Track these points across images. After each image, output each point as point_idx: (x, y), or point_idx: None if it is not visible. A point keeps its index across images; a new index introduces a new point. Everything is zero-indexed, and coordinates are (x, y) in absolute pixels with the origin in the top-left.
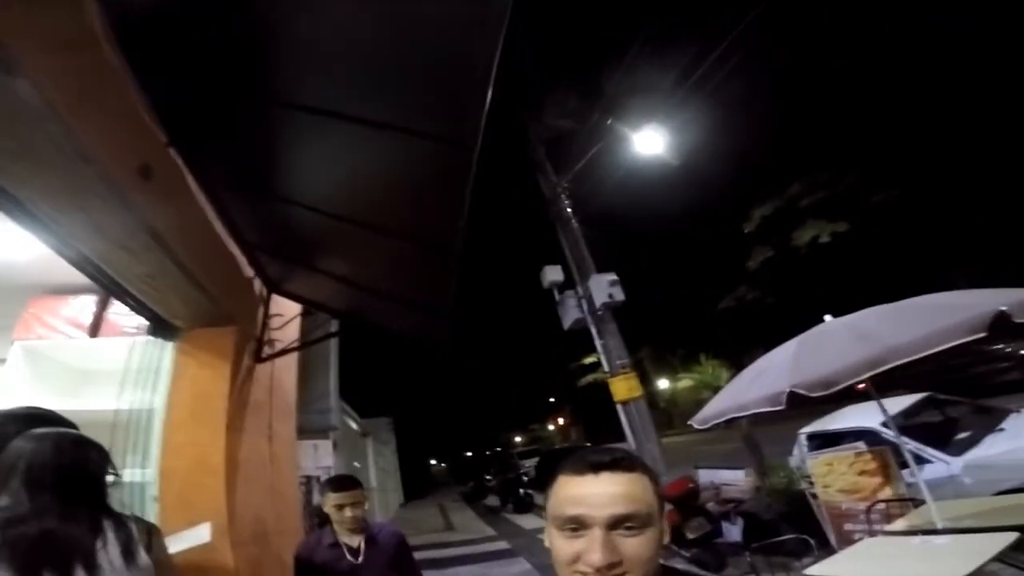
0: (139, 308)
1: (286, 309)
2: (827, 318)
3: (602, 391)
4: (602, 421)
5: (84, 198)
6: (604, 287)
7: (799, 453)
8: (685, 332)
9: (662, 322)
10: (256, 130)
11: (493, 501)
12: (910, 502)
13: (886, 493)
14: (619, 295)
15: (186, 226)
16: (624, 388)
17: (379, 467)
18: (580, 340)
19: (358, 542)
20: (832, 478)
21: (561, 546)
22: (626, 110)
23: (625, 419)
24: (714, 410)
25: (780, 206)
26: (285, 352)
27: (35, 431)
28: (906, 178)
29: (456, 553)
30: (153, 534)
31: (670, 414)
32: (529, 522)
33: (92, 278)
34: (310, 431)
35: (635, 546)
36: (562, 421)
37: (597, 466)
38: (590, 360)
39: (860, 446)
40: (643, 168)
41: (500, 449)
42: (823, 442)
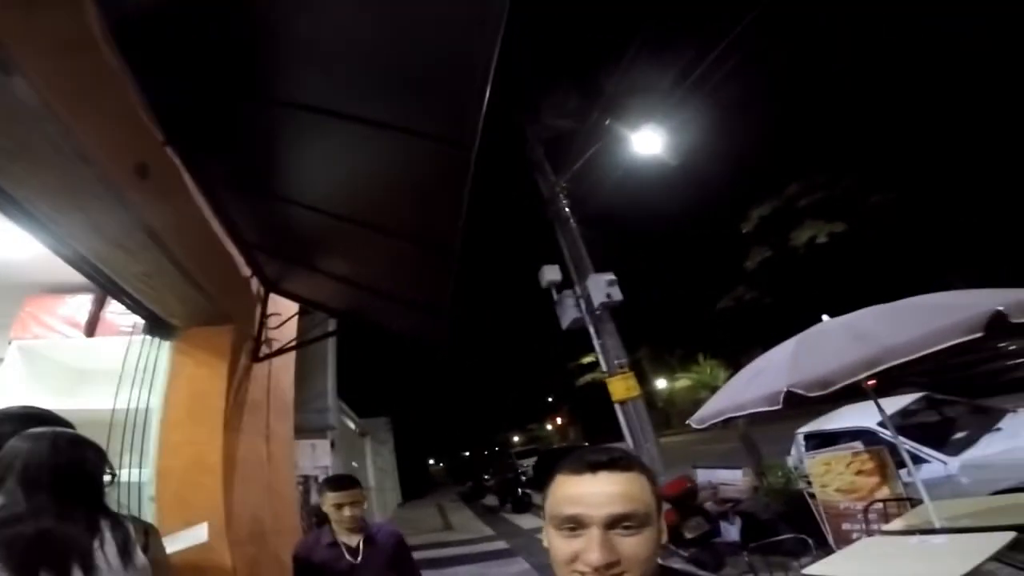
0: (136, 307)
1: (283, 308)
2: (824, 318)
3: (600, 391)
4: (600, 421)
5: (81, 197)
6: (602, 287)
7: (797, 453)
8: (683, 332)
9: (660, 322)
10: (254, 129)
11: (491, 501)
12: (907, 502)
13: (883, 493)
14: (617, 295)
15: (183, 225)
16: (622, 388)
17: (377, 467)
18: (578, 340)
19: (357, 542)
20: (830, 478)
21: (559, 545)
22: (624, 110)
23: (623, 419)
24: (712, 410)
25: (778, 206)
26: (282, 351)
27: (31, 430)
28: (903, 180)
29: (454, 553)
30: (150, 534)
31: (668, 414)
32: (527, 522)
33: (89, 277)
34: (308, 430)
35: (633, 545)
36: (560, 421)
37: (595, 466)
38: (588, 360)
39: (857, 446)
40: (641, 168)
41: (498, 449)
42: (820, 442)
